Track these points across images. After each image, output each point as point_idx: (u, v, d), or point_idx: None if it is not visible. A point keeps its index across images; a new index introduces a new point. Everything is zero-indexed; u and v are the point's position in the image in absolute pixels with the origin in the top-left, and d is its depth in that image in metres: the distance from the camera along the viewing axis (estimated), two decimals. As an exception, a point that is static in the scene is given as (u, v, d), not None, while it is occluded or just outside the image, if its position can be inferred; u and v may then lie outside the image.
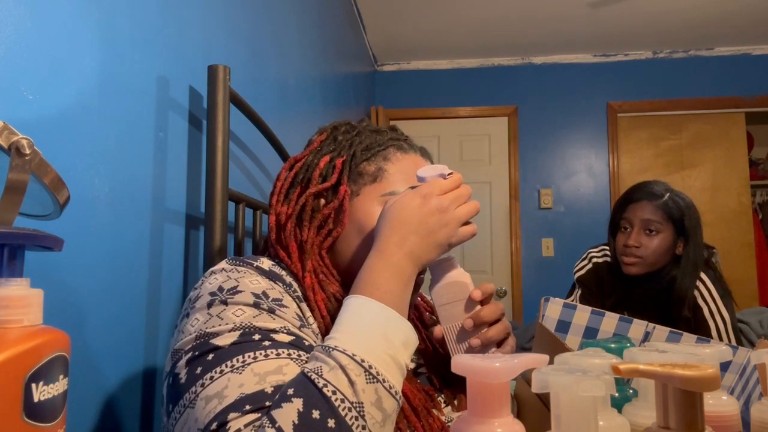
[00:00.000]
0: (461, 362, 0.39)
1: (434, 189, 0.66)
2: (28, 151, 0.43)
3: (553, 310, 1.09)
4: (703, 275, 1.44)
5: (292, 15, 1.76)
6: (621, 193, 1.59)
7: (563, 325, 1.08)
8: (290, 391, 0.52)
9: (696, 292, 1.42)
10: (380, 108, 3.42)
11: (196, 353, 0.56)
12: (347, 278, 0.72)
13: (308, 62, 1.97)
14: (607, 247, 1.62)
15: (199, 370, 0.55)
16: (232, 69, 1.02)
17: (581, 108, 3.59)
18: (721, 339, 1.38)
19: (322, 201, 0.74)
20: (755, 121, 3.77)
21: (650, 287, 1.46)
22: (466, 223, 0.68)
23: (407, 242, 0.64)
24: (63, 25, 0.67)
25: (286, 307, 0.62)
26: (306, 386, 0.52)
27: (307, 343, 0.60)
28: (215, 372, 0.54)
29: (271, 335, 0.57)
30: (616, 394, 0.56)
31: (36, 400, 0.33)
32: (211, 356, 0.55)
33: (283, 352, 0.56)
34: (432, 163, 0.81)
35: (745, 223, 3.41)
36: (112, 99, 0.77)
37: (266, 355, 0.55)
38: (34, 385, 0.33)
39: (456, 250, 3.59)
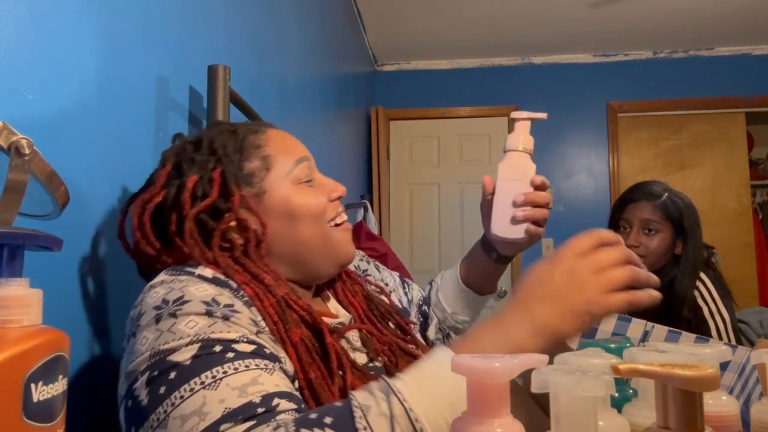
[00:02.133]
0: (461, 362, 0.39)
1: (568, 249, 0.60)
2: (27, 151, 0.43)
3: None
4: (702, 275, 1.44)
5: (292, 15, 1.76)
6: (621, 193, 1.59)
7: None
8: (328, 420, 0.49)
9: (696, 292, 1.42)
10: (380, 108, 3.42)
11: (155, 372, 0.53)
12: (298, 266, 0.71)
13: (308, 62, 1.97)
14: None
15: (163, 389, 0.52)
16: (232, 69, 1.02)
17: (581, 108, 3.59)
18: (720, 339, 1.38)
19: (208, 218, 0.68)
20: (755, 121, 3.77)
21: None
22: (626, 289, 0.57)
23: (532, 313, 0.57)
24: (63, 25, 0.67)
25: (239, 312, 0.58)
26: (346, 423, 0.49)
27: (267, 351, 0.57)
28: (184, 390, 0.51)
29: (233, 345, 0.55)
30: (616, 394, 0.56)
31: (35, 400, 0.33)
32: (173, 374, 0.52)
33: (251, 363, 0.54)
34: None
35: (745, 223, 3.41)
36: (112, 99, 0.77)
37: (236, 368, 0.53)
38: (33, 385, 0.33)
39: (456, 249, 3.59)
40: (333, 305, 0.79)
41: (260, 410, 0.51)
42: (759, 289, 3.41)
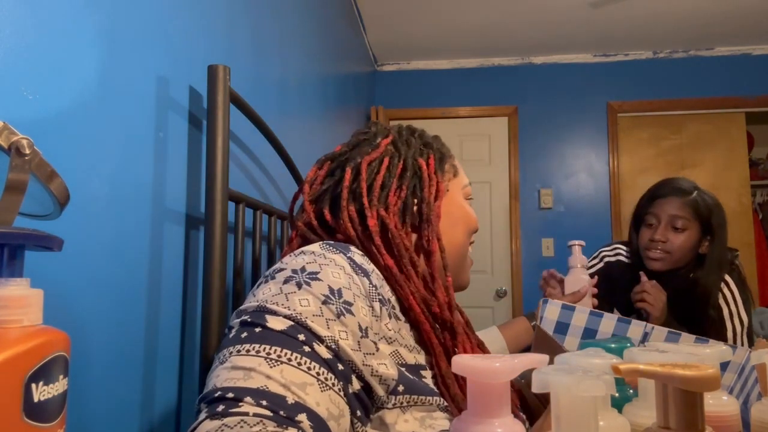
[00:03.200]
0: (461, 362, 0.39)
1: None
2: (27, 151, 0.43)
3: (551, 311, 1.09)
4: (727, 277, 1.42)
5: (293, 15, 1.76)
6: (621, 193, 1.58)
7: (562, 327, 1.08)
8: None
9: (719, 293, 1.41)
10: (380, 108, 3.43)
11: (249, 320, 0.59)
12: (451, 268, 0.77)
13: (308, 62, 1.97)
14: (620, 246, 1.60)
15: (244, 335, 0.58)
16: (232, 69, 1.02)
17: (581, 108, 3.59)
18: (735, 342, 1.37)
19: (416, 200, 0.76)
20: (755, 121, 3.77)
21: (670, 286, 1.44)
22: None
23: None
24: (63, 25, 0.67)
25: (352, 315, 0.61)
26: None
27: (340, 367, 0.58)
28: (252, 348, 0.56)
29: (314, 343, 0.57)
30: (616, 394, 0.56)
31: (36, 400, 0.33)
32: (258, 329, 0.58)
33: (314, 368, 0.56)
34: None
35: (745, 223, 3.41)
36: (112, 99, 0.77)
37: (299, 363, 0.56)
38: (33, 385, 0.33)
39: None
40: None
41: (283, 413, 0.52)
42: (759, 289, 3.42)
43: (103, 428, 0.74)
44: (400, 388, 0.62)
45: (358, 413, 0.60)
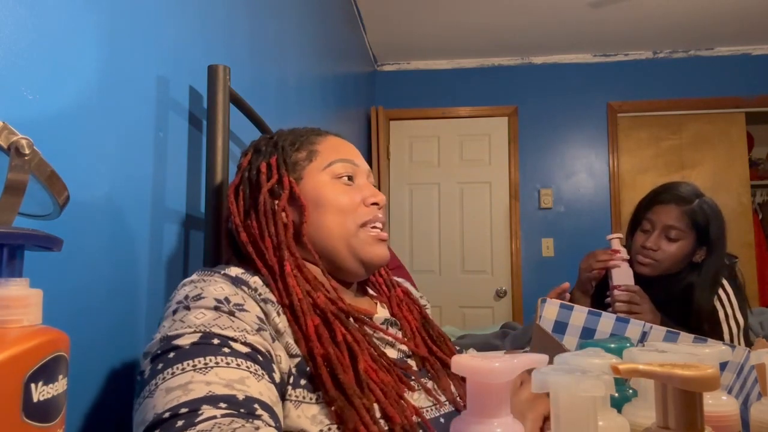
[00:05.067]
0: (461, 362, 0.39)
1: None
2: (27, 151, 0.43)
3: (550, 311, 1.09)
4: (723, 280, 1.41)
5: (292, 15, 1.76)
6: (621, 193, 1.57)
7: (560, 326, 1.08)
8: None
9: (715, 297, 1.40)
10: (380, 108, 3.42)
11: (159, 352, 0.59)
12: (325, 256, 0.79)
13: (308, 62, 1.97)
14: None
15: (160, 365, 0.58)
16: (232, 69, 1.02)
17: (581, 108, 3.59)
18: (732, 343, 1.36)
19: (275, 201, 0.79)
20: (755, 121, 3.77)
21: (665, 290, 1.42)
22: None
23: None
24: (63, 25, 0.67)
25: (246, 311, 0.64)
26: None
27: (261, 357, 0.61)
28: (176, 368, 0.57)
29: (230, 342, 0.60)
30: (616, 394, 0.57)
31: (35, 400, 0.33)
32: (172, 354, 0.58)
33: (243, 364, 0.59)
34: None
35: (745, 223, 3.41)
36: (112, 99, 0.77)
37: (227, 363, 0.58)
38: (33, 385, 0.33)
39: (456, 249, 3.59)
40: (382, 311, 0.85)
41: (241, 409, 0.54)
42: (759, 289, 3.41)
43: (103, 428, 0.74)
44: (292, 380, 0.65)
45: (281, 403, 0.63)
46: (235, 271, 0.71)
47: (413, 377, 0.75)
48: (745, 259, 3.35)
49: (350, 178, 0.82)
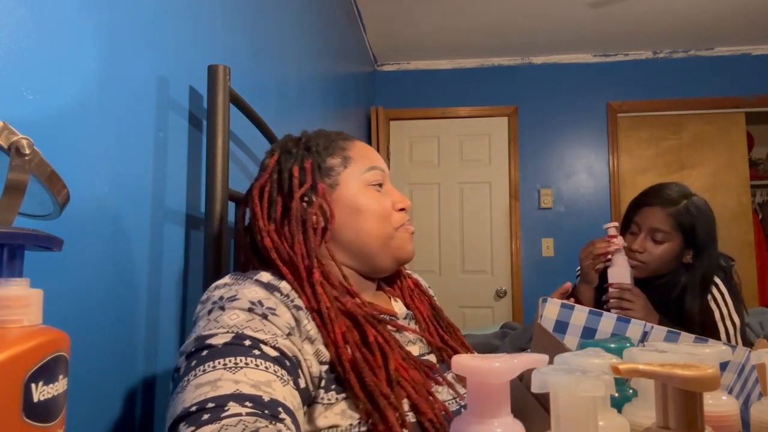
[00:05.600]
0: (461, 362, 0.39)
1: None
2: (27, 151, 0.43)
3: (550, 310, 1.08)
4: (716, 279, 1.40)
5: (292, 15, 1.76)
6: (621, 193, 1.57)
7: (561, 326, 1.08)
8: None
9: (708, 296, 1.40)
10: (380, 108, 3.42)
11: (193, 350, 0.62)
12: (359, 256, 0.81)
13: (308, 62, 1.97)
14: None
15: (193, 363, 0.60)
16: (232, 69, 1.02)
17: (581, 108, 3.59)
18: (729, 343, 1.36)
19: (305, 205, 0.80)
20: (755, 121, 3.77)
21: (660, 292, 1.42)
22: None
23: None
24: (63, 25, 0.67)
25: (278, 316, 0.66)
26: None
27: (288, 363, 0.63)
28: (207, 366, 0.59)
29: (261, 345, 0.62)
30: (616, 394, 0.57)
31: (36, 400, 0.33)
32: (205, 352, 0.61)
33: (270, 367, 0.61)
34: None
35: (745, 223, 3.41)
36: (112, 99, 0.77)
37: (256, 365, 0.60)
38: (33, 385, 0.33)
39: (456, 249, 3.59)
40: (399, 306, 0.87)
41: (266, 410, 0.55)
42: (759, 289, 3.41)
43: (103, 428, 0.74)
44: (323, 383, 0.67)
45: (305, 409, 0.65)
46: (266, 277, 0.72)
47: (437, 372, 0.78)
48: (745, 259, 3.35)
49: (380, 185, 0.86)
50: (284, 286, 0.71)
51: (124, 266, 0.80)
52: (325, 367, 0.68)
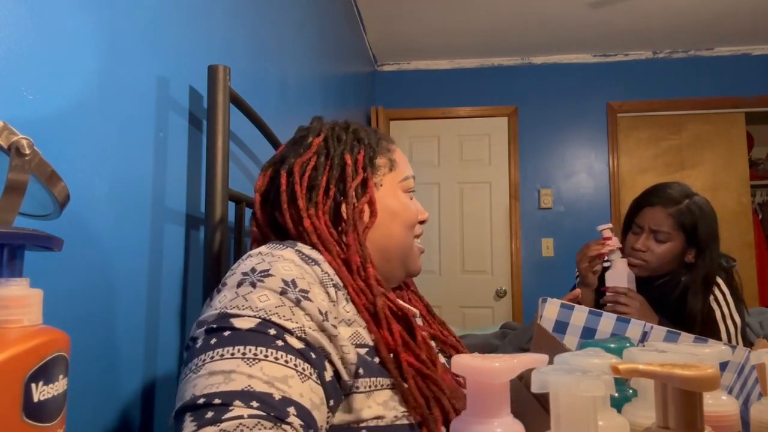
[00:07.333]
0: (461, 362, 0.39)
1: None
2: (27, 151, 0.43)
3: (550, 310, 1.08)
4: (718, 279, 1.40)
5: (292, 15, 1.76)
6: (620, 193, 1.57)
7: (561, 326, 1.08)
8: None
9: (710, 296, 1.40)
10: (380, 108, 3.42)
11: (215, 326, 0.59)
12: (382, 260, 0.80)
13: (308, 62, 1.97)
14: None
15: (213, 341, 0.58)
16: (232, 69, 1.02)
17: (581, 108, 3.59)
18: (729, 343, 1.36)
19: (358, 198, 0.79)
20: (755, 121, 3.77)
21: (662, 292, 1.42)
22: None
23: None
24: (63, 25, 0.67)
25: (311, 300, 0.63)
26: None
27: (313, 356, 0.61)
28: (226, 351, 0.57)
29: (285, 336, 0.59)
30: (616, 394, 0.57)
31: (36, 400, 0.33)
32: (227, 333, 0.59)
33: (291, 361, 0.58)
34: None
35: (745, 223, 3.41)
36: (112, 99, 0.77)
37: (276, 358, 0.57)
38: (33, 385, 0.33)
39: (456, 249, 3.59)
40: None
41: (272, 412, 0.54)
42: (759, 289, 3.41)
43: (103, 428, 0.74)
44: (361, 371, 0.65)
45: (331, 403, 0.62)
46: (307, 248, 0.70)
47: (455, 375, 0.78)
48: (745, 259, 3.35)
49: (412, 193, 0.87)
50: (326, 264, 0.70)
51: (124, 266, 0.80)
52: (363, 350, 0.66)
